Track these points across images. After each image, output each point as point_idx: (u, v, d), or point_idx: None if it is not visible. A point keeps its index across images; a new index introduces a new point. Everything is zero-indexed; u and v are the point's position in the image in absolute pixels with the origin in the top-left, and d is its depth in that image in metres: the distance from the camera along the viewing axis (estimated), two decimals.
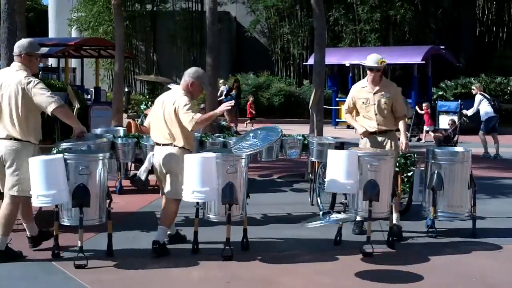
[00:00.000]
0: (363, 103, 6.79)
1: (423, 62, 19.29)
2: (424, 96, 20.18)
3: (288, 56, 27.08)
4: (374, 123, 6.76)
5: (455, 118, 16.17)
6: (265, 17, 27.33)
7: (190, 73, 6.00)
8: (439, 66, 22.46)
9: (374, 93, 6.74)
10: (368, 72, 6.77)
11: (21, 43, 5.67)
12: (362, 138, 6.86)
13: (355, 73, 22.78)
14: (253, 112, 19.15)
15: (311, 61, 16.72)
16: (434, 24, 25.93)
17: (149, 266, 5.49)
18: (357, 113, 7.05)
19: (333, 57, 19.75)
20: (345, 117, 7.43)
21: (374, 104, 6.72)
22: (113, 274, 5.29)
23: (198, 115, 5.71)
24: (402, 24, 24.19)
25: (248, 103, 18.96)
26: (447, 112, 19.21)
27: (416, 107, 17.65)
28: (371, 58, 6.72)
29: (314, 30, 11.24)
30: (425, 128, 16.97)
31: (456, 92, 20.40)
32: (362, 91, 6.86)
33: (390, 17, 24.32)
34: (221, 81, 18.01)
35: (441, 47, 20.91)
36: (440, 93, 20.54)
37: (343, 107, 7.17)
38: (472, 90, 14.27)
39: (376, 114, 6.74)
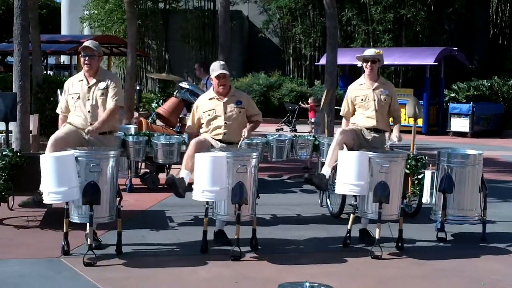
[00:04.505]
0: (362, 100, 6.64)
1: (436, 63, 19.17)
2: (436, 97, 20.06)
3: (300, 56, 27.02)
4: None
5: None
6: (277, 17, 27.28)
7: None
8: (452, 68, 22.31)
9: (373, 89, 6.63)
10: (364, 65, 6.65)
11: None
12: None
13: None
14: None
15: (323, 61, 16.67)
16: (447, 26, 25.77)
17: (158, 265, 5.50)
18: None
19: (345, 57, 19.66)
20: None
21: (374, 100, 6.59)
22: (122, 272, 5.30)
23: None
24: (415, 24, 24.07)
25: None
26: (459, 115, 19.12)
27: (300, 103, 19.26)
28: (367, 50, 6.70)
29: (326, 30, 11.21)
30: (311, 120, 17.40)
31: (468, 94, 20.24)
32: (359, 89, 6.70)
33: (403, 17, 24.21)
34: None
35: (454, 48, 20.77)
36: (452, 95, 20.40)
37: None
38: None
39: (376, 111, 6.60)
